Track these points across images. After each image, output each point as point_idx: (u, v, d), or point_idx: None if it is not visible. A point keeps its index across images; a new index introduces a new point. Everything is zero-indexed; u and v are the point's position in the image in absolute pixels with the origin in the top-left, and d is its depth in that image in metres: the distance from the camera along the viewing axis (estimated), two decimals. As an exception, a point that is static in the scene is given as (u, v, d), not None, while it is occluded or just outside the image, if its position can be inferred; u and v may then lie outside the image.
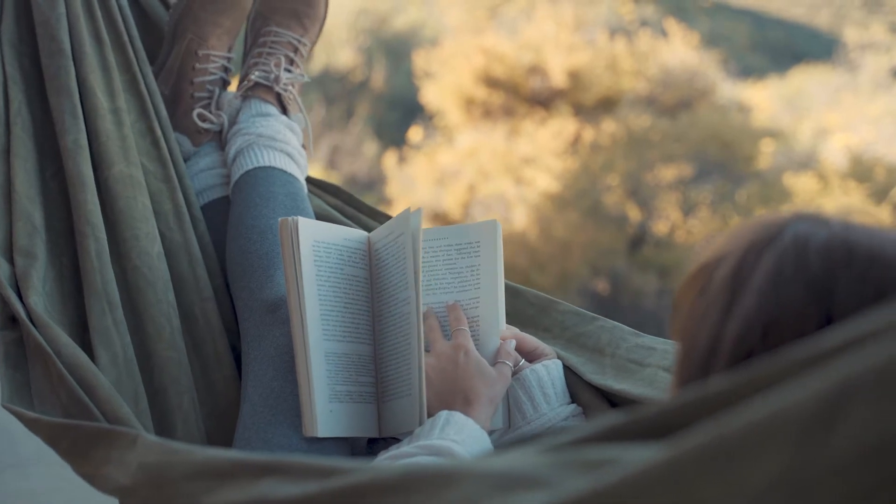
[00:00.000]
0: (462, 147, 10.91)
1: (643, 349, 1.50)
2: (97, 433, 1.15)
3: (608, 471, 0.62)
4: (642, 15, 11.81)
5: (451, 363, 1.35)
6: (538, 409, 1.44)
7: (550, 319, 1.62)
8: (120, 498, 1.18)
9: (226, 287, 1.66)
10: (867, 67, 10.91)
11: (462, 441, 1.21)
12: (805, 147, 10.45)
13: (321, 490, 0.74)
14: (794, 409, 0.55)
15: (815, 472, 0.53)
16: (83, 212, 1.49)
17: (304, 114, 1.83)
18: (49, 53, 1.56)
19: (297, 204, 1.68)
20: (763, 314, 0.79)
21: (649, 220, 10.66)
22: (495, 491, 0.65)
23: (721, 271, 0.84)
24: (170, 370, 1.49)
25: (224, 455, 0.86)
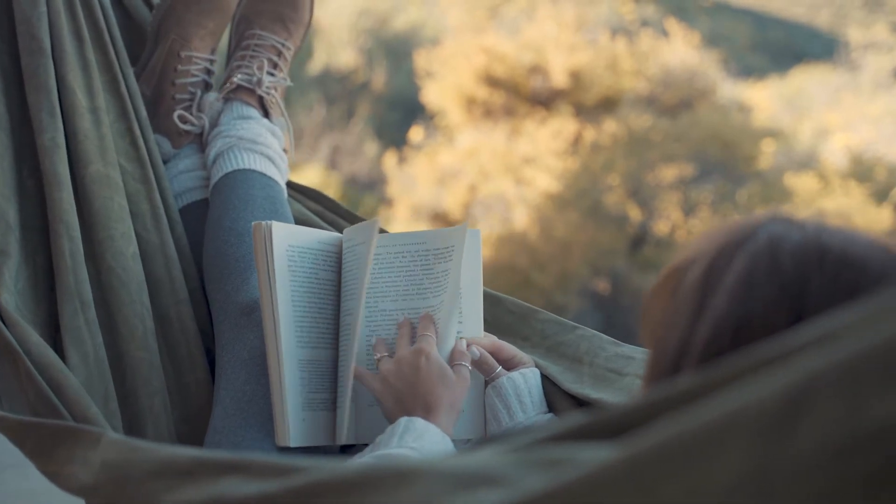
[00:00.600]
0: (463, 147, 10.91)
1: (622, 358, 1.50)
2: (62, 431, 1.14)
3: (567, 469, 0.61)
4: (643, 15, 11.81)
5: (412, 368, 1.33)
6: (514, 418, 1.42)
7: (530, 328, 1.61)
8: (84, 497, 1.17)
9: (202, 290, 1.66)
10: (868, 67, 10.90)
11: (421, 448, 1.20)
12: (805, 147, 10.45)
13: (280, 489, 0.73)
14: (756, 405, 0.54)
15: (781, 470, 0.53)
16: (58, 211, 1.48)
17: (285, 118, 1.83)
18: (29, 51, 1.56)
19: (276, 208, 1.67)
20: (734, 315, 0.78)
21: (650, 220, 10.66)
22: (454, 489, 0.65)
23: (692, 273, 0.83)
24: (141, 371, 1.48)
25: (186, 453, 0.86)
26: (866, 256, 0.77)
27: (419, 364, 1.32)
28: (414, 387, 1.31)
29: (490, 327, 1.56)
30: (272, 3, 1.81)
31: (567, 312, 10.48)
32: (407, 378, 1.31)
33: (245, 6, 1.84)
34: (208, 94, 1.81)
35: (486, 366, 1.46)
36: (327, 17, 11.33)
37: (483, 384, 1.48)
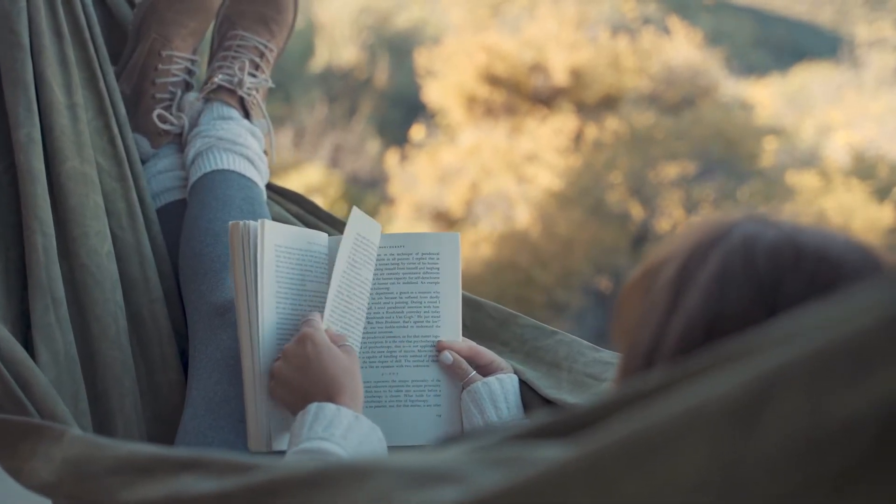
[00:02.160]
0: (464, 145, 10.92)
1: (600, 364, 1.48)
2: (25, 427, 1.13)
3: (523, 466, 0.60)
4: (645, 13, 11.81)
5: (300, 358, 1.29)
6: (488, 423, 1.41)
7: (510, 333, 1.59)
8: (45, 494, 1.16)
9: (177, 290, 1.64)
10: (871, 65, 10.90)
11: (332, 435, 1.17)
12: (808, 144, 10.46)
13: (237, 486, 0.72)
14: (718, 400, 0.53)
15: (745, 465, 0.52)
16: (32, 206, 1.47)
17: (267, 119, 1.81)
18: (7, 45, 1.55)
19: (255, 209, 1.65)
20: (707, 313, 0.77)
21: (652, 218, 10.66)
22: (408, 486, 0.64)
23: (666, 272, 0.82)
24: (114, 371, 1.47)
25: (146, 450, 0.85)
26: (842, 256, 0.76)
27: (306, 352, 1.28)
28: (307, 375, 1.27)
29: (471, 332, 1.55)
30: (255, 4, 1.80)
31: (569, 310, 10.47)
32: (298, 369, 1.27)
33: (228, 6, 1.83)
34: (189, 94, 1.80)
35: (459, 370, 1.45)
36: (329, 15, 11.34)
37: (459, 389, 1.47)
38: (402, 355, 1.48)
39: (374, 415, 1.46)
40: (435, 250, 1.50)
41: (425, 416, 1.47)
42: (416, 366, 1.48)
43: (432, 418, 1.46)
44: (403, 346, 1.49)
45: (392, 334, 1.49)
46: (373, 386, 1.48)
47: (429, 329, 1.49)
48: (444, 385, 1.47)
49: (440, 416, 1.47)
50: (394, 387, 1.48)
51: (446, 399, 1.47)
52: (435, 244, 1.50)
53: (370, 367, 1.48)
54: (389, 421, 1.46)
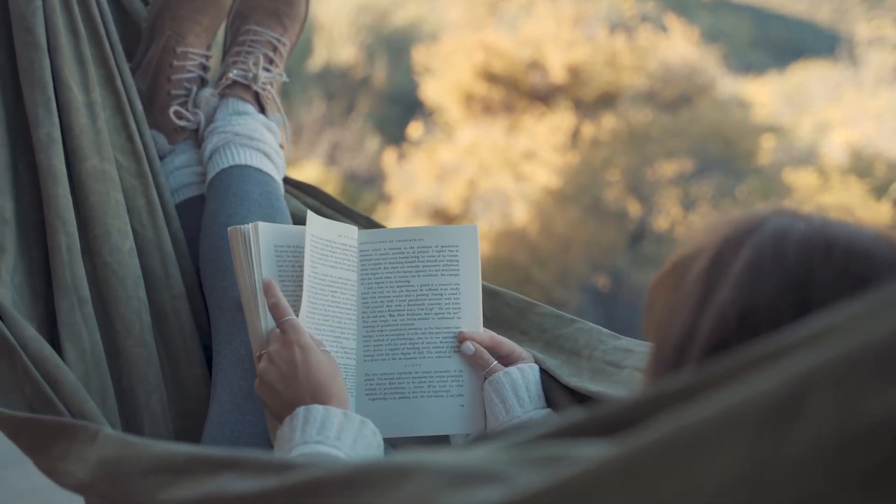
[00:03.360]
0: (462, 143, 10.90)
1: (620, 351, 1.49)
2: (58, 427, 1.14)
3: (562, 466, 0.61)
4: (642, 10, 11.80)
5: (290, 364, 1.29)
6: (510, 412, 1.42)
7: (528, 322, 1.60)
8: (80, 493, 1.17)
9: (198, 286, 1.65)
10: (869, 63, 10.89)
11: (326, 438, 1.17)
12: (805, 143, 10.45)
13: (276, 486, 0.73)
14: (752, 402, 0.54)
15: (775, 468, 0.52)
16: (54, 205, 1.47)
17: (282, 113, 1.81)
18: (24, 46, 1.55)
19: (272, 203, 1.66)
20: (739, 305, 0.77)
21: (650, 216, 10.66)
22: (449, 486, 0.64)
23: (697, 264, 0.82)
24: (139, 368, 1.47)
25: (181, 450, 0.85)
26: (871, 249, 0.77)
27: (294, 357, 1.28)
28: (295, 380, 1.26)
29: (490, 322, 1.56)
30: None
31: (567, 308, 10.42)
32: (286, 374, 1.27)
33: (240, 2, 1.83)
34: (204, 90, 1.80)
35: (481, 360, 1.46)
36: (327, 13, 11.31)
37: (481, 379, 1.48)
38: (425, 347, 1.50)
39: (398, 406, 1.48)
40: (454, 243, 1.51)
41: (448, 406, 1.48)
42: (438, 357, 1.49)
43: (455, 408, 1.48)
44: (425, 337, 1.50)
45: (414, 326, 1.50)
46: (396, 377, 1.49)
47: (450, 320, 1.50)
48: (466, 375, 1.48)
49: (463, 406, 1.48)
50: (417, 378, 1.49)
51: (468, 389, 1.48)
52: (454, 237, 1.51)
53: (393, 358, 1.50)
54: (413, 411, 1.48)
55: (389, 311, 1.50)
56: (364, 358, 1.49)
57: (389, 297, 1.51)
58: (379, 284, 1.51)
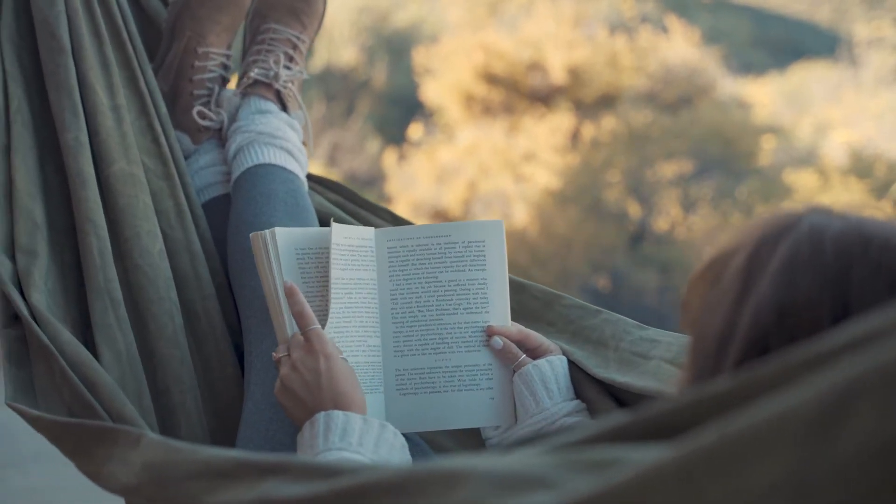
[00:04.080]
0: (462, 144, 10.91)
1: (647, 342, 1.50)
2: (100, 432, 1.14)
3: (614, 471, 0.62)
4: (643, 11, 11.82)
5: (313, 373, 1.30)
6: (540, 404, 1.43)
7: (554, 313, 1.61)
8: (124, 496, 1.17)
9: (227, 285, 1.65)
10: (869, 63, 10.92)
11: (349, 444, 1.18)
12: (805, 143, 10.47)
13: (326, 490, 0.72)
14: (799, 409, 0.55)
15: (820, 473, 0.53)
16: (84, 209, 1.47)
17: (303, 111, 1.82)
18: (48, 51, 1.55)
19: (298, 201, 1.67)
20: (777, 301, 0.79)
21: (650, 217, 10.66)
22: (500, 491, 0.65)
23: (735, 262, 0.84)
24: (172, 368, 1.48)
25: (227, 454, 0.85)
26: None
27: (318, 367, 1.29)
28: (319, 388, 1.27)
29: (516, 314, 1.56)
30: None
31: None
32: (309, 382, 1.28)
33: (259, 0, 1.84)
34: (226, 90, 1.81)
35: (510, 354, 1.47)
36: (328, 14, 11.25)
37: (510, 372, 1.49)
38: (454, 341, 1.51)
39: (430, 400, 1.49)
40: (480, 238, 1.52)
41: (478, 400, 1.49)
42: (467, 351, 1.50)
43: (485, 401, 1.49)
44: (454, 332, 1.51)
45: (443, 321, 1.51)
46: (427, 372, 1.51)
47: (478, 315, 1.51)
48: (495, 369, 1.50)
49: (493, 399, 1.49)
50: (447, 372, 1.50)
51: (498, 382, 1.49)
52: (480, 232, 1.52)
53: (423, 353, 1.51)
54: (444, 405, 1.49)
55: (418, 306, 1.52)
56: (394, 353, 1.51)
57: (418, 294, 1.52)
58: (407, 281, 1.52)
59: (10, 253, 1.49)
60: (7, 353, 1.40)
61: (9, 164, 1.55)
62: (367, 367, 1.46)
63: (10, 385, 1.38)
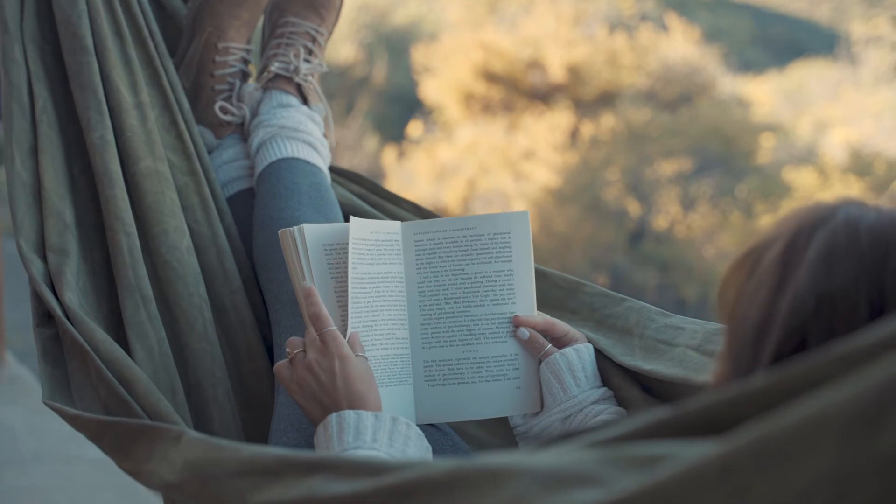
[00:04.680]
0: (461, 142, 10.92)
1: (672, 329, 1.50)
2: (139, 430, 1.14)
3: (660, 468, 0.62)
4: (642, 9, 11.82)
5: (328, 374, 1.30)
6: (568, 392, 1.44)
7: (578, 302, 1.61)
8: (166, 493, 1.18)
9: (254, 278, 1.66)
10: (868, 62, 10.92)
11: (364, 442, 1.19)
12: (805, 141, 10.49)
13: (371, 488, 0.73)
14: (840, 407, 0.56)
15: (859, 469, 0.54)
16: (113, 208, 1.48)
17: (324, 103, 1.83)
18: (72, 50, 1.55)
19: (321, 194, 1.67)
20: (815, 290, 0.80)
21: (649, 215, 10.68)
22: (546, 488, 0.65)
23: (772, 253, 0.85)
24: (204, 362, 1.48)
25: (272, 452, 0.85)
26: None
27: (333, 367, 1.30)
28: (333, 388, 1.28)
29: (539, 303, 1.56)
30: None
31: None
32: (323, 382, 1.29)
33: (277, -5, 1.85)
34: (247, 84, 1.81)
35: (536, 344, 1.48)
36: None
37: (536, 360, 1.50)
38: (481, 332, 1.52)
39: (458, 391, 1.50)
40: (506, 230, 1.53)
41: (505, 389, 1.50)
42: (494, 342, 1.51)
43: (512, 391, 1.50)
44: (481, 323, 1.52)
45: (470, 313, 1.52)
46: (455, 363, 1.52)
47: (504, 306, 1.52)
48: (521, 358, 1.50)
49: (519, 389, 1.50)
50: (475, 363, 1.51)
51: (524, 371, 1.50)
52: (506, 224, 1.53)
53: (451, 345, 1.52)
54: (472, 396, 1.50)
55: (445, 298, 1.53)
56: (422, 345, 1.52)
57: (445, 286, 1.53)
58: (434, 273, 1.53)
59: (41, 253, 1.50)
60: (41, 352, 1.41)
61: (36, 165, 1.55)
62: (396, 360, 1.48)
63: (47, 384, 1.38)
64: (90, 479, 3.27)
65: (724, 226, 10.18)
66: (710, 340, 1.38)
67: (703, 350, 1.39)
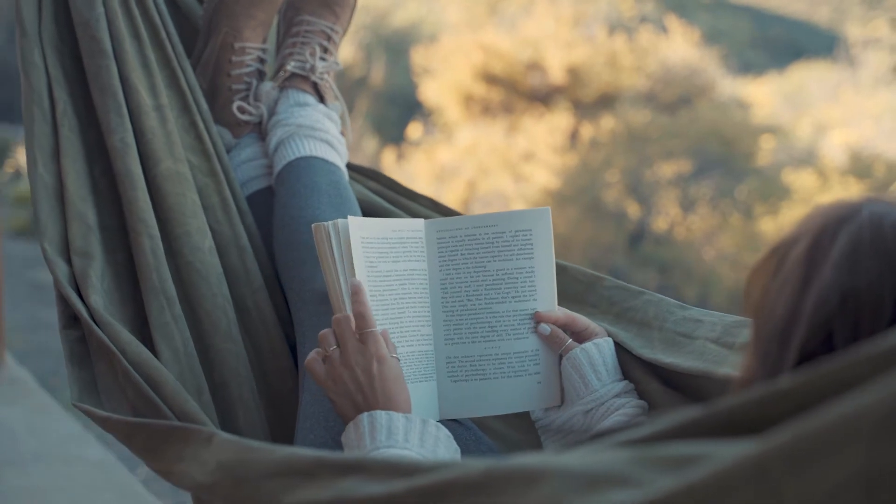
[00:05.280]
0: (461, 143, 10.92)
1: (691, 322, 1.51)
2: (170, 431, 1.14)
3: (695, 468, 0.63)
4: (642, 11, 11.83)
5: (366, 374, 1.32)
6: (589, 386, 1.45)
7: (597, 295, 1.62)
8: (198, 494, 1.18)
9: (275, 277, 1.67)
10: (868, 64, 10.94)
11: (396, 441, 1.21)
12: (805, 143, 10.50)
13: (405, 488, 0.73)
14: (870, 408, 0.56)
15: (889, 469, 0.55)
16: (135, 210, 1.48)
17: (340, 101, 1.84)
18: (90, 54, 1.56)
19: (340, 192, 1.68)
20: (840, 286, 0.81)
21: (649, 217, 10.68)
22: (581, 489, 0.66)
23: (797, 249, 0.86)
24: (229, 362, 1.48)
25: (305, 454, 0.86)
26: None
27: (372, 368, 1.31)
28: (370, 388, 1.30)
29: (558, 297, 1.58)
30: None
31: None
32: (362, 385, 1.30)
33: (292, -6, 1.86)
34: (264, 84, 1.82)
35: (557, 340, 1.49)
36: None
37: (556, 355, 1.51)
38: (503, 329, 1.53)
39: (480, 387, 1.51)
40: (527, 227, 1.53)
41: (527, 385, 1.51)
42: (516, 338, 1.52)
43: (533, 385, 1.51)
44: (503, 320, 1.53)
45: (492, 310, 1.53)
46: (477, 360, 1.53)
47: (526, 303, 1.52)
48: (542, 353, 1.51)
49: (540, 383, 1.51)
50: (496, 360, 1.52)
51: (545, 366, 1.51)
52: (527, 220, 1.53)
53: (473, 341, 1.53)
54: (494, 392, 1.51)
55: (468, 295, 1.54)
56: (445, 341, 1.53)
57: (467, 283, 1.54)
58: (456, 270, 1.54)
59: (65, 256, 1.51)
60: (69, 354, 1.41)
61: (58, 168, 1.56)
62: (421, 357, 1.49)
63: (75, 386, 1.39)
64: (90, 479, 3.28)
65: (723, 227, 10.17)
66: (730, 333, 1.39)
67: (723, 342, 1.39)
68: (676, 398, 1.43)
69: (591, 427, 1.42)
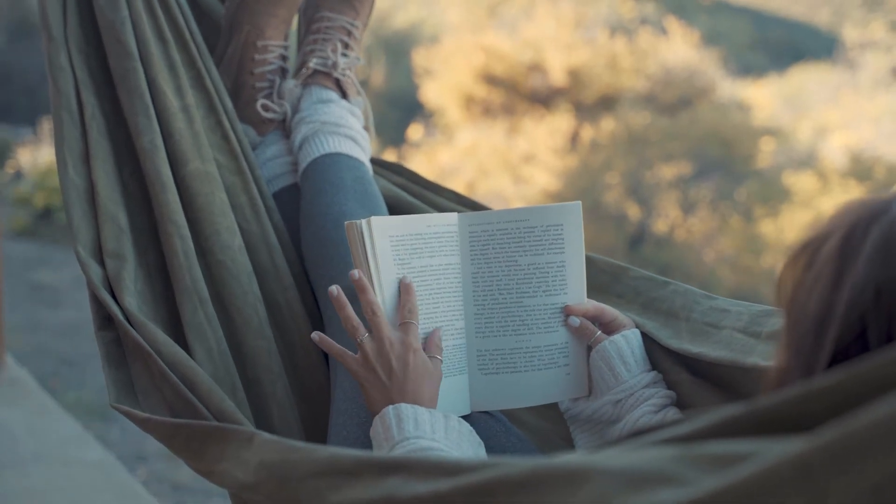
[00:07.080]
0: (461, 145, 10.92)
1: (717, 311, 1.51)
2: (210, 431, 1.15)
3: (740, 466, 0.64)
4: (643, 13, 11.84)
5: (401, 363, 1.34)
6: (619, 378, 1.46)
7: (623, 286, 1.63)
8: (240, 493, 1.19)
9: (305, 275, 1.68)
10: (867, 66, 10.95)
11: (424, 433, 1.24)
12: (805, 145, 10.50)
13: (451, 488, 0.74)
14: None
15: None
16: (166, 211, 1.49)
17: (363, 96, 1.85)
18: (116, 56, 1.56)
19: (365, 188, 1.69)
20: (874, 280, 0.81)
21: (649, 219, 10.69)
22: (627, 488, 0.66)
23: (828, 245, 0.86)
24: (261, 359, 1.49)
25: (348, 453, 0.86)
26: None
27: (408, 360, 1.32)
28: (402, 383, 1.31)
29: None
30: None
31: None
32: (395, 373, 1.31)
33: (312, -11, 1.87)
34: (287, 81, 1.83)
35: (586, 332, 1.50)
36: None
37: (586, 347, 1.53)
38: (534, 322, 1.54)
39: (510, 379, 1.53)
40: (558, 221, 1.54)
41: (556, 376, 1.52)
42: (546, 332, 1.53)
43: (562, 377, 1.52)
44: (534, 314, 1.54)
45: (523, 304, 1.54)
46: (507, 353, 1.54)
47: (556, 297, 1.53)
48: (571, 345, 1.53)
49: (569, 375, 1.52)
50: (527, 353, 1.53)
51: (573, 357, 1.52)
52: (558, 215, 1.54)
53: (504, 335, 1.54)
54: (524, 384, 1.53)
55: (499, 289, 1.55)
56: (476, 335, 1.54)
57: (498, 277, 1.55)
58: (488, 264, 1.55)
59: (98, 258, 1.51)
60: (105, 356, 1.42)
61: (89, 171, 1.57)
62: (454, 350, 1.50)
63: (113, 388, 1.40)
64: (90, 480, 3.29)
65: (723, 229, 10.18)
66: (757, 322, 1.39)
67: (750, 332, 1.40)
68: (705, 388, 1.44)
69: (621, 417, 1.44)
